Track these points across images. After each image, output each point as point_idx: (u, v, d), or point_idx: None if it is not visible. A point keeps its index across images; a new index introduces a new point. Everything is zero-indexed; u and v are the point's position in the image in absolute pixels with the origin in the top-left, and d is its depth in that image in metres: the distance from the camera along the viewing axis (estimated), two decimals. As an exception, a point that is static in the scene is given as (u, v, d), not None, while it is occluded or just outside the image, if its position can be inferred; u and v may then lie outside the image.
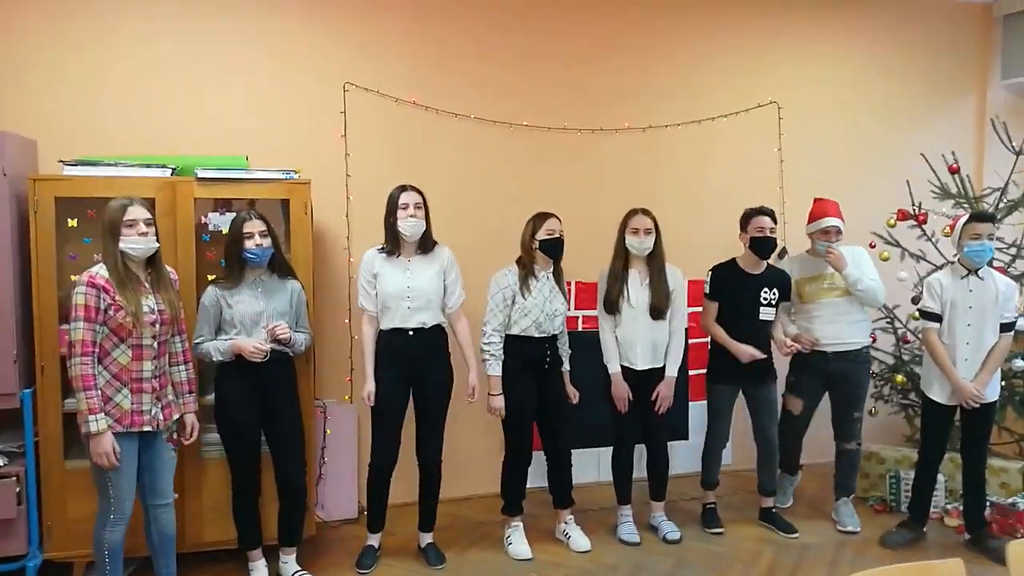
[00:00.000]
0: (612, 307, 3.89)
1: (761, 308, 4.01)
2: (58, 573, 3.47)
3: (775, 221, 4.01)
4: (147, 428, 2.98)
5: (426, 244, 3.65)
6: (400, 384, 3.61)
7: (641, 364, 3.92)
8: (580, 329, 4.60)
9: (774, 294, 4.03)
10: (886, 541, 3.97)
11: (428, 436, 3.70)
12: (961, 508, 4.03)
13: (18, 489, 3.27)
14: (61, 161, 3.43)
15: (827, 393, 4.24)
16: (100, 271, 2.93)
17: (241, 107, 4.09)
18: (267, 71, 4.14)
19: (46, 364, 3.33)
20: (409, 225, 3.54)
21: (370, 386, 3.57)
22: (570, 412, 3.92)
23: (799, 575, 3.68)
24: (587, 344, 4.08)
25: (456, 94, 4.43)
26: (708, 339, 4.20)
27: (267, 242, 3.32)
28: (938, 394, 3.83)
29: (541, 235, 3.76)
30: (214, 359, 3.30)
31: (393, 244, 3.61)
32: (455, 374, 3.76)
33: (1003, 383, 4.28)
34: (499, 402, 3.77)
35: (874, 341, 4.61)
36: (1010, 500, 4.12)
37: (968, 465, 3.90)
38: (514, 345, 3.79)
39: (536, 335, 3.77)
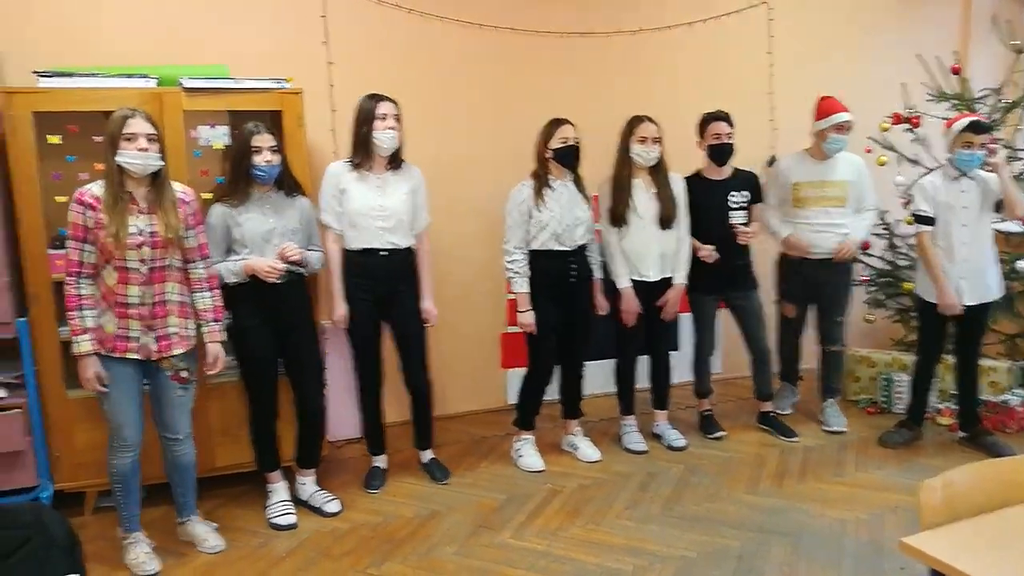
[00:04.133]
0: (620, 219, 3.80)
1: (731, 212, 3.99)
2: (71, 502, 3.38)
3: (731, 126, 3.95)
4: (133, 356, 2.83)
5: (397, 160, 3.48)
6: (372, 306, 3.49)
7: (654, 275, 3.88)
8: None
9: (744, 196, 4.01)
10: (885, 440, 4.08)
11: (412, 363, 3.62)
12: (952, 407, 4.15)
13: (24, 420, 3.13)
14: (36, 72, 3.14)
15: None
16: (93, 188, 2.76)
17: (213, 13, 3.81)
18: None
19: (38, 291, 3.15)
20: (387, 137, 3.37)
21: (342, 309, 3.45)
22: (595, 325, 3.86)
23: (808, 476, 3.76)
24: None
25: (442, -5, 4.20)
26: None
27: (277, 158, 3.14)
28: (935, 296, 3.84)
29: (555, 143, 3.62)
30: (227, 281, 3.15)
31: (363, 157, 3.42)
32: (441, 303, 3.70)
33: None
34: (529, 318, 3.70)
35: (867, 249, 4.64)
36: (1001, 398, 4.26)
37: (963, 365, 3.97)
38: (536, 261, 3.70)
39: (557, 248, 3.67)
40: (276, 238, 3.19)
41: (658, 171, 3.83)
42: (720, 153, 3.95)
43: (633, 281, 3.86)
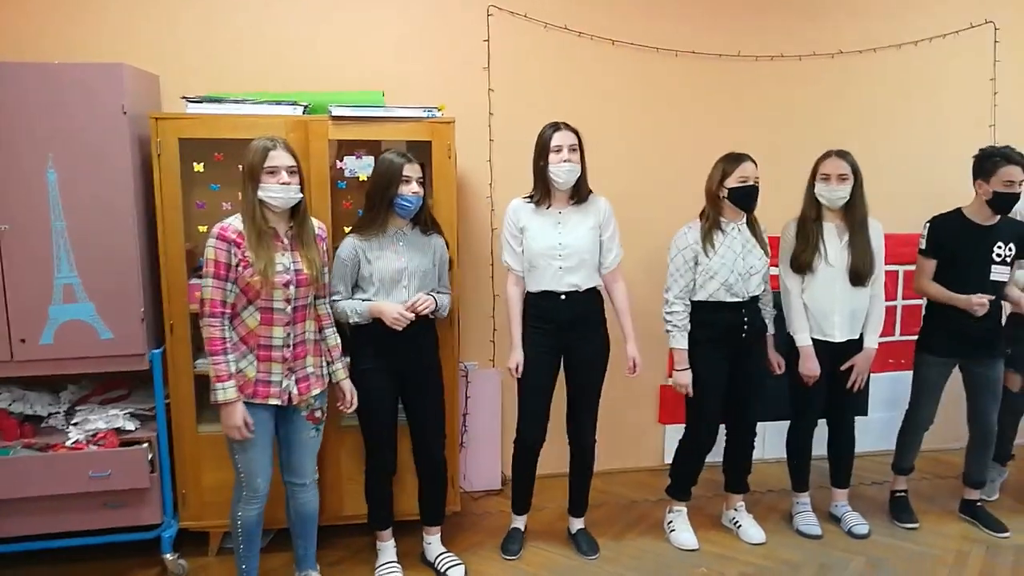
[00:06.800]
0: (804, 266, 3.30)
1: (993, 267, 3.37)
2: (194, 542, 3.29)
3: None
4: (274, 401, 2.67)
5: (580, 193, 3.15)
6: (549, 353, 3.18)
7: (840, 336, 3.34)
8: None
9: (1010, 250, 3.37)
10: None
11: (581, 415, 3.27)
12: None
13: (150, 456, 3.05)
14: (184, 98, 3.09)
15: None
16: (234, 222, 2.61)
17: (373, 37, 3.65)
18: (401, -5, 3.68)
19: (175, 323, 3.07)
20: (563, 171, 3.05)
21: (518, 356, 3.16)
22: (764, 384, 3.39)
23: (1024, 586, 3.11)
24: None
25: (614, 17, 3.84)
26: (921, 302, 3.61)
27: (422, 191, 2.91)
28: None
29: (732, 182, 3.17)
30: (350, 320, 2.94)
31: (542, 192, 3.13)
32: (612, 344, 3.28)
33: None
34: (685, 378, 3.30)
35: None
36: None
37: None
38: (702, 313, 3.26)
39: (728, 299, 3.22)
40: (406, 279, 2.95)
41: (853, 215, 3.29)
42: (1009, 203, 3.32)
43: (814, 340, 3.34)
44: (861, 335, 3.39)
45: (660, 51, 3.90)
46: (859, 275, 3.27)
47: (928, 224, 3.48)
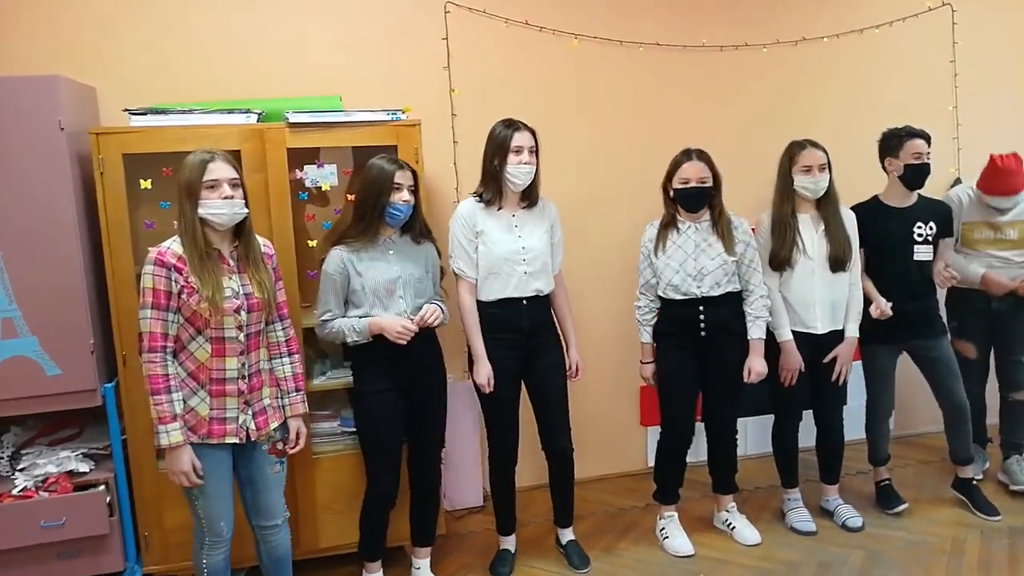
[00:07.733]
0: (784, 264, 3.24)
1: (915, 247, 3.39)
2: (160, 588, 3.06)
3: (929, 145, 3.38)
4: (231, 440, 2.43)
5: (532, 195, 3.03)
6: (514, 364, 3.04)
7: (821, 327, 3.29)
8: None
9: (931, 228, 3.40)
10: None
11: (554, 424, 3.12)
12: None
13: (109, 499, 2.82)
14: (127, 110, 2.87)
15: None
16: (172, 246, 2.37)
17: (326, 39, 3.48)
18: (354, -6, 3.50)
19: (128, 353, 2.84)
20: (522, 173, 2.93)
21: (487, 370, 2.97)
22: (740, 385, 3.28)
23: (1022, 568, 3.04)
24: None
25: (576, 11, 3.74)
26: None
27: (412, 199, 2.76)
28: None
29: (676, 182, 3.12)
30: (348, 340, 2.76)
31: (494, 193, 2.99)
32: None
33: None
34: (646, 371, 3.30)
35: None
36: None
37: None
38: (663, 307, 3.25)
39: (678, 298, 3.15)
40: (401, 288, 2.79)
41: (827, 204, 3.26)
42: (920, 174, 3.36)
43: (795, 333, 3.28)
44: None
45: (624, 44, 3.81)
46: (839, 261, 3.24)
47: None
